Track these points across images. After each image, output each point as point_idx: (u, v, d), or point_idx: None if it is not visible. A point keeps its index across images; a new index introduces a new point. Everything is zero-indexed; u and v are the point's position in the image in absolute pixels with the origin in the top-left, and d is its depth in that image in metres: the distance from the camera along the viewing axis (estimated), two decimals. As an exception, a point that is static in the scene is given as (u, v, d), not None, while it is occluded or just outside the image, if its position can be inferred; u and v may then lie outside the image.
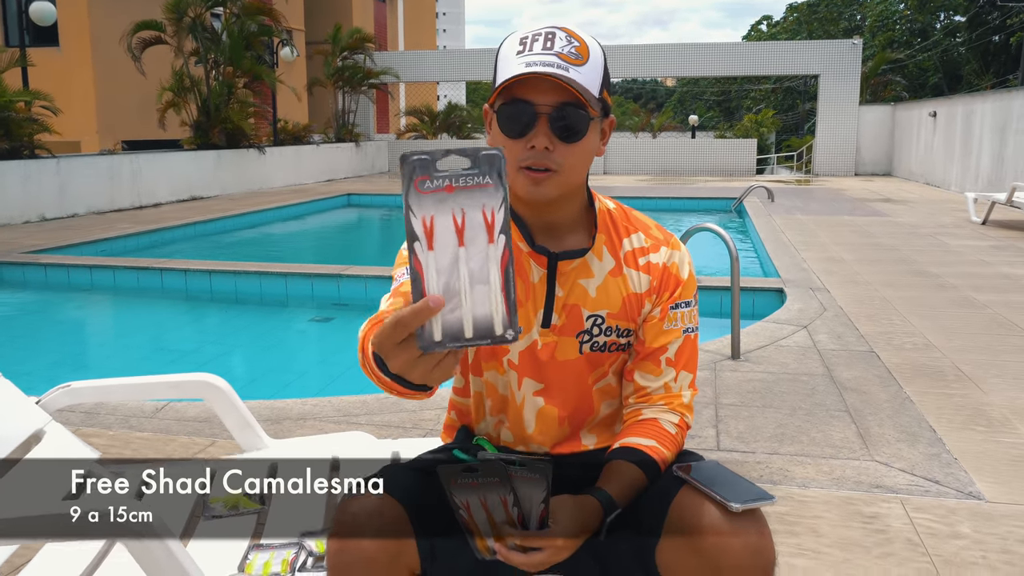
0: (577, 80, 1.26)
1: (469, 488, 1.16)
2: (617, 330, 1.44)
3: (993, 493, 2.84)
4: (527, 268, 1.42)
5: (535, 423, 1.46)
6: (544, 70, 1.24)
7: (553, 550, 1.20)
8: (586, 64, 1.28)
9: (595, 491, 1.30)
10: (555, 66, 1.25)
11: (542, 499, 1.18)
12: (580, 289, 1.42)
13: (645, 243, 1.46)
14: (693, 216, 14.00)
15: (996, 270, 7.39)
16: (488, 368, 1.46)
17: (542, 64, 1.25)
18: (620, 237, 1.46)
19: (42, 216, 11.85)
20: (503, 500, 1.17)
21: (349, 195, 17.00)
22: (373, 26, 29.88)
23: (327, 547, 1.24)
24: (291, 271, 7.41)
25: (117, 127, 19.23)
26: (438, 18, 66.65)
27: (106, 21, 18.75)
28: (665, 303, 1.45)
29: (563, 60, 1.26)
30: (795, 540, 2.50)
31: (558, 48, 1.27)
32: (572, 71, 1.26)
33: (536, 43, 1.28)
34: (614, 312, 1.43)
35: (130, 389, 2.22)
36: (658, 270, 1.45)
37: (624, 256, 1.45)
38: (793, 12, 46.73)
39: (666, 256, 1.46)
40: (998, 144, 14.85)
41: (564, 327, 1.42)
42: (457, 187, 0.89)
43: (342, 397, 3.91)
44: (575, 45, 1.28)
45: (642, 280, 1.45)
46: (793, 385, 4.07)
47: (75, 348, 6.41)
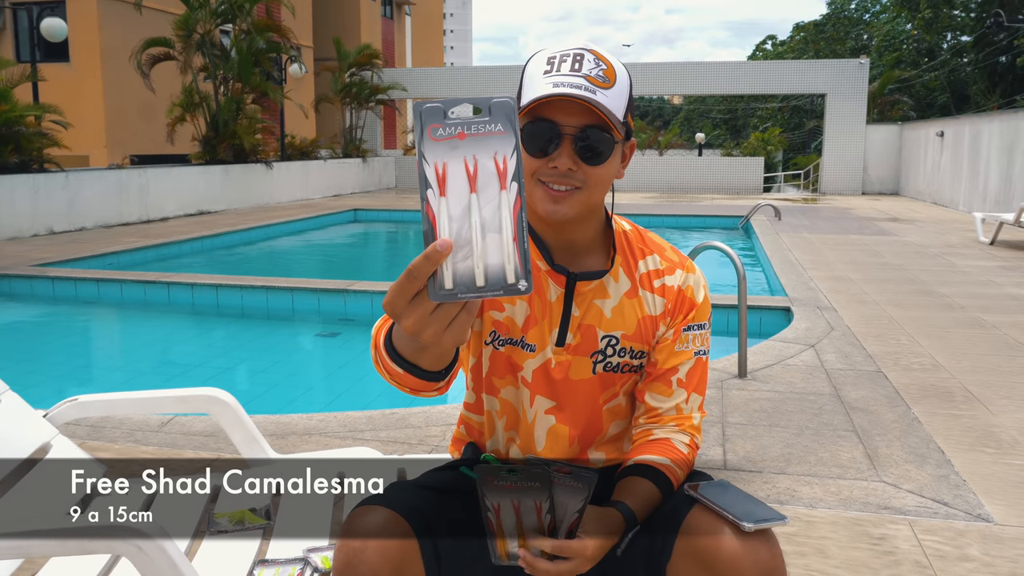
0: (603, 103, 1.26)
1: (504, 490, 1.16)
2: (631, 351, 1.44)
3: (1002, 516, 2.82)
4: (545, 286, 1.42)
5: (545, 441, 1.46)
6: (571, 92, 1.25)
7: (581, 560, 1.20)
8: (613, 87, 1.29)
9: (617, 504, 1.30)
10: (582, 88, 1.26)
11: (578, 509, 1.18)
12: (596, 309, 1.42)
13: (660, 265, 1.47)
14: (700, 234, 14.01)
15: (1004, 291, 7.37)
16: (503, 385, 1.46)
17: (569, 85, 1.26)
18: (636, 259, 1.47)
19: (50, 229, 11.91)
20: (537, 505, 1.16)
21: (356, 210, 17.06)
22: (381, 43, 30.08)
23: (333, 563, 1.23)
24: (297, 286, 7.42)
25: (126, 142, 19.36)
26: (445, 35, 67.06)
27: (116, 37, 18.93)
28: (679, 325, 1.45)
29: (590, 83, 1.27)
30: (803, 561, 2.48)
31: (586, 70, 1.28)
32: (599, 94, 1.27)
33: (564, 64, 1.28)
34: (629, 334, 1.43)
35: (137, 403, 2.22)
36: (673, 292, 1.45)
37: (640, 278, 1.45)
38: (800, 31, 46.88)
39: (681, 279, 1.46)
40: (1006, 164, 14.84)
41: (579, 347, 1.42)
42: (468, 134, 0.87)
43: (348, 412, 3.91)
44: (603, 68, 1.29)
45: (657, 303, 1.45)
46: (800, 404, 4.06)
47: (81, 361, 6.42)
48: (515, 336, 1.43)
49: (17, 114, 11.95)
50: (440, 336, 0.91)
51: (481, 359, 1.46)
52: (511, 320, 1.43)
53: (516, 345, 1.43)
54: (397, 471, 2.13)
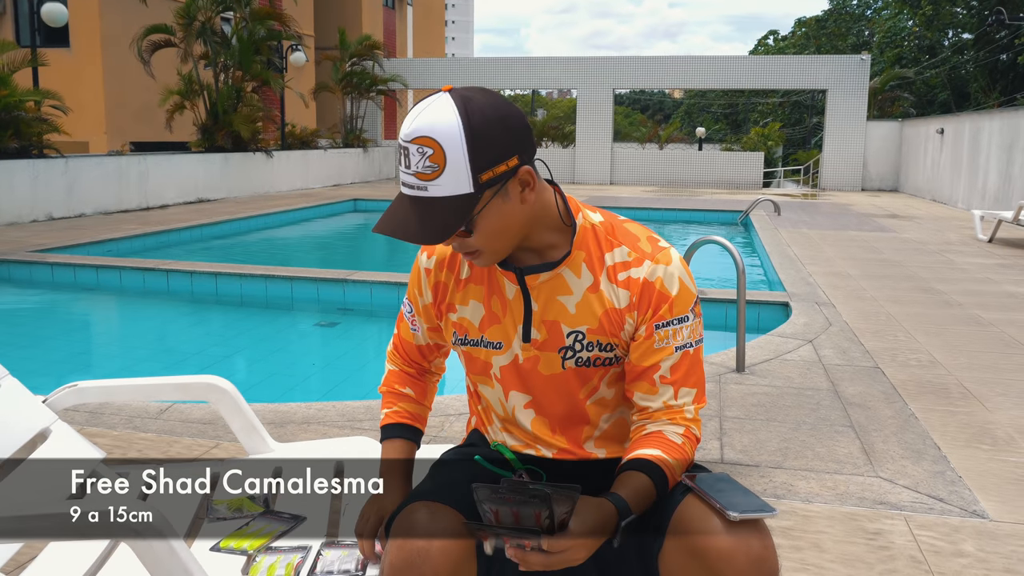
0: (436, 195, 1.28)
1: (504, 501, 1.18)
2: (599, 345, 1.44)
3: (997, 512, 2.83)
4: (501, 285, 1.46)
5: (531, 430, 1.50)
6: (408, 193, 1.31)
7: (574, 548, 1.20)
8: (444, 172, 1.27)
9: (610, 495, 1.30)
10: (415, 188, 1.29)
11: (566, 510, 1.19)
12: (558, 305, 1.44)
13: (628, 257, 1.43)
14: (699, 228, 14.01)
15: (1002, 288, 7.38)
16: (480, 381, 1.52)
17: (406, 187, 1.31)
18: (603, 252, 1.44)
19: (50, 216, 11.90)
20: (536, 514, 1.17)
21: (356, 200, 17.05)
22: (382, 33, 30.00)
23: (389, 559, 1.25)
24: (297, 275, 7.42)
25: (125, 128, 19.31)
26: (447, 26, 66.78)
27: (117, 23, 18.86)
28: (650, 321, 1.42)
29: (419, 179, 1.29)
30: (798, 555, 2.49)
31: (415, 167, 1.29)
32: (430, 187, 1.28)
33: (402, 159, 1.30)
34: (593, 328, 1.43)
35: (136, 390, 2.22)
36: (637, 285, 1.42)
37: (606, 271, 1.43)
38: (801, 27, 46.80)
39: (648, 271, 1.42)
40: (1005, 162, 14.84)
41: (545, 342, 1.44)
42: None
43: (347, 402, 3.91)
44: (428, 155, 1.27)
45: (621, 295, 1.42)
46: (798, 399, 4.07)
47: (80, 347, 6.42)
48: (474, 336, 1.48)
49: (17, 99, 11.92)
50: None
51: (460, 358, 1.54)
52: (467, 320, 1.49)
53: (479, 345, 1.48)
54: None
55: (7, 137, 11.75)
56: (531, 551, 1.19)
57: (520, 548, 1.19)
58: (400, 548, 1.23)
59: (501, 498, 1.17)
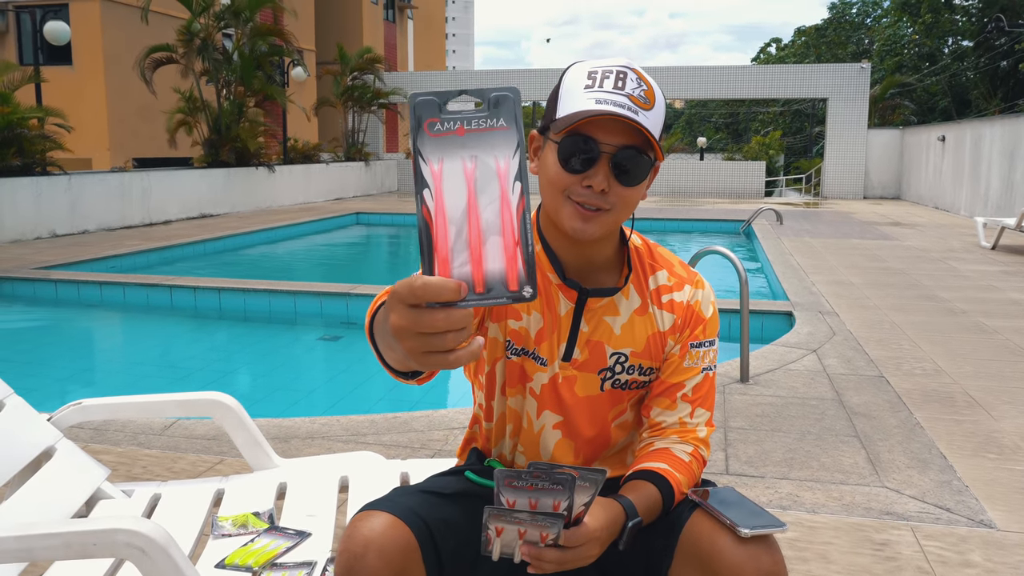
0: (645, 124, 1.25)
1: (524, 490, 1.13)
2: (640, 368, 1.43)
3: (1005, 522, 2.82)
4: (555, 300, 1.41)
5: (552, 452, 1.46)
6: (615, 110, 1.23)
7: (589, 544, 1.19)
8: (653, 109, 1.28)
9: (616, 496, 1.30)
10: (626, 107, 1.24)
11: (585, 502, 1.17)
12: (605, 326, 1.42)
13: (669, 281, 1.46)
14: (702, 238, 14.01)
15: (1006, 295, 7.36)
16: (513, 394, 1.46)
17: (613, 104, 1.24)
18: (646, 275, 1.46)
19: (53, 232, 11.93)
20: (555, 505, 1.14)
21: (358, 214, 17.07)
22: (383, 46, 30.13)
23: (335, 568, 1.23)
24: (300, 289, 7.43)
25: (128, 145, 19.41)
26: (448, 39, 67.02)
27: (119, 40, 18.98)
28: (686, 340, 1.44)
29: (633, 102, 1.25)
30: (805, 567, 2.48)
31: (629, 89, 1.26)
32: (641, 115, 1.25)
33: (607, 80, 1.26)
34: (638, 351, 1.42)
35: (140, 407, 2.22)
36: (682, 308, 1.45)
37: (650, 294, 1.45)
38: (801, 36, 46.93)
39: (690, 295, 1.46)
40: (1007, 169, 14.84)
41: (586, 363, 1.42)
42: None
43: (351, 416, 3.91)
44: (644, 88, 1.28)
45: (666, 319, 1.44)
46: (802, 409, 4.06)
47: (84, 364, 6.43)
48: (528, 347, 1.42)
49: (20, 116, 11.97)
50: (417, 352, 0.79)
51: (495, 368, 1.45)
52: (526, 331, 1.41)
53: (529, 356, 1.42)
54: (400, 475, 2.13)
55: (10, 155, 11.80)
56: (546, 547, 1.17)
57: (535, 545, 1.17)
58: (340, 554, 1.22)
59: (523, 484, 1.12)
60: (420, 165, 0.80)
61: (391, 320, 0.80)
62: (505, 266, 0.79)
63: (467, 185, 0.80)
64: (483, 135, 0.81)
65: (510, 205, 0.80)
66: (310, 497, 2.07)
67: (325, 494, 2.08)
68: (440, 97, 0.82)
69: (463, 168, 0.80)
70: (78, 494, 1.96)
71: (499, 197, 0.80)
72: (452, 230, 0.79)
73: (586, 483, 1.15)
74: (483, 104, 0.82)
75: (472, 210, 0.80)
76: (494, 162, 0.81)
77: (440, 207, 0.80)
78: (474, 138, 0.81)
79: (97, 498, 2.04)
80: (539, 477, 1.12)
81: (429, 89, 0.83)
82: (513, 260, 0.79)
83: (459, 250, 0.79)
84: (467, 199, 0.80)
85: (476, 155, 0.81)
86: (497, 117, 0.81)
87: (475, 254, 0.79)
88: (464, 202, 0.80)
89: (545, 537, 1.17)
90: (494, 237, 0.80)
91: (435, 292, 0.76)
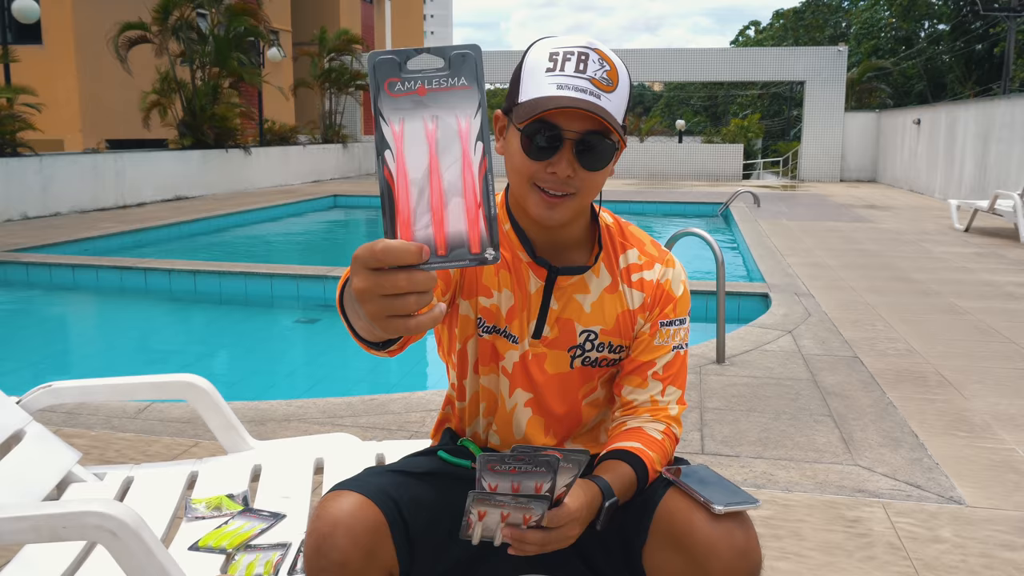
0: (607, 109, 1.23)
1: (507, 474, 1.12)
2: (610, 346, 1.44)
3: (974, 498, 2.86)
4: (526, 278, 1.41)
5: (525, 430, 1.46)
6: (576, 96, 1.22)
7: (570, 524, 1.20)
8: (616, 90, 1.25)
9: (592, 477, 1.30)
10: (587, 92, 1.22)
11: (566, 483, 1.17)
12: (575, 304, 1.42)
13: (639, 260, 1.46)
14: (680, 220, 14.05)
15: (978, 277, 7.45)
16: (486, 372, 1.46)
17: (575, 89, 1.22)
18: (617, 253, 1.46)
19: (24, 215, 11.75)
20: (537, 487, 1.14)
21: (336, 196, 16.97)
22: (360, 28, 29.83)
23: (304, 548, 1.23)
24: (277, 272, 7.38)
25: (101, 126, 19.11)
26: (426, 20, 66.52)
27: (90, 19, 18.64)
28: (656, 319, 1.45)
29: (595, 86, 1.23)
30: (778, 543, 2.51)
31: (591, 72, 1.24)
32: (603, 98, 1.23)
33: (568, 63, 1.24)
34: (608, 328, 1.43)
35: (112, 389, 2.20)
36: (651, 287, 1.45)
37: (620, 272, 1.45)
38: (779, 18, 47.04)
39: (659, 273, 1.46)
40: (981, 152, 14.99)
41: (555, 340, 1.42)
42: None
43: (327, 399, 3.90)
44: (606, 69, 1.25)
45: (635, 297, 1.44)
46: (778, 390, 4.09)
47: (57, 348, 6.36)
48: (500, 325, 1.42)
49: (-11, 97, 11.77)
50: (380, 316, 0.79)
51: (467, 346, 1.45)
52: (497, 308, 1.41)
53: (500, 334, 1.42)
54: (376, 457, 2.13)
55: (-21, 136, 11.61)
56: (529, 529, 1.17)
57: (517, 527, 1.17)
58: (309, 535, 1.21)
59: (505, 467, 1.12)
60: (381, 126, 0.79)
61: (353, 283, 0.80)
62: (467, 228, 0.78)
63: (429, 146, 0.79)
64: (444, 94, 0.79)
65: (472, 166, 0.79)
66: (285, 479, 2.06)
67: (300, 476, 2.07)
68: (400, 56, 0.79)
69: (424, 129, 0.79)
70: (48, 478, 1.94)
71: (461, 158, 0.79)
72: (414, 192, 0.78)
73: (569, 464, 1.15)
74: (444, 64, 0.80)
75: (434, 172, 0.79)
76: (456, 122, 0.79)
77: (402, 169, 0.78)
78: (435, 97, 0.79)
79: (68, 481, 2.02)
80: (522, 460, 1.12)
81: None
82: (475, 222, 0.78)
83: (421, 212, 0.78)
84: (429, 160, 0.79)
85: (437, 115, 0.79)
86: (459, 76, 0.79)
87: (437, 216, 0.78)
88: (426, 163, 0.79)
89: (528, 519, 1.17)
90: (456, 199, 0.78)
91: (396, 255, 0.75)
